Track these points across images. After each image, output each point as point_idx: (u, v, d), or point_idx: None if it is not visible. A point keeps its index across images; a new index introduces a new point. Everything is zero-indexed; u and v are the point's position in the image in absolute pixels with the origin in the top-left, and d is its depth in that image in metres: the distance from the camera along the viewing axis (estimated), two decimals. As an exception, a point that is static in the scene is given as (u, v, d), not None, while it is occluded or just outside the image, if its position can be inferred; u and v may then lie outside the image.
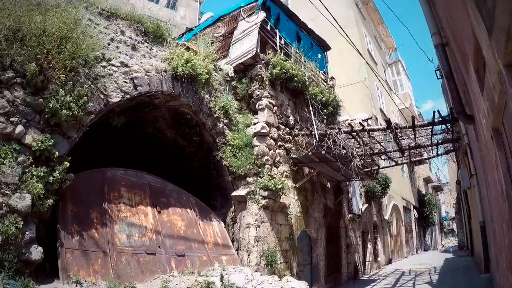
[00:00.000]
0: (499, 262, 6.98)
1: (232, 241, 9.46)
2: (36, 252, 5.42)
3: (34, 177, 5.49)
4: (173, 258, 7.74)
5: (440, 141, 14.27)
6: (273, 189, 9.46)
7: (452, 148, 16.00)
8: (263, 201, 9.43)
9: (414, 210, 31.95)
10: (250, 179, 9.59)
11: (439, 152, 15.91)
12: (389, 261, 22.36)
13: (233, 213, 9.81)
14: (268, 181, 9.50)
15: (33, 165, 5.57)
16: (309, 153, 10.57)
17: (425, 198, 34.80)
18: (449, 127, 12.97)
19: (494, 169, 5.34)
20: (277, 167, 10.49)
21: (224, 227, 9.62)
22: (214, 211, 9.83)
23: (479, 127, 6.32)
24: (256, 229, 9.21)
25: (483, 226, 9.76)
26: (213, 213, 9.64)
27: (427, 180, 40.36)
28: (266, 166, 9.94)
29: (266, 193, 9.44)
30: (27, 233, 5.32)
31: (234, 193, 9.67)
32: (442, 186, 46.46)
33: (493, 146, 4.88)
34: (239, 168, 9.42)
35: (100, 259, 6.50)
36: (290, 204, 10.75)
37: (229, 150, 9.62)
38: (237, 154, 9.57)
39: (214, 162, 10.03)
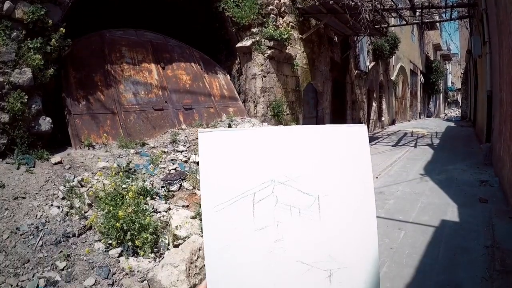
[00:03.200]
0: (502, 132, 7.03)
1: (239, 93, 9.47)
2: (45, 123, 5.49)
3: (31, 50, 5.29)
4: (180, 112, 7.85)
5: (455, 3, 13.56)
6: (279, 38, 9.13)
7: (466, 14, 15.24)
8: (269, 51, 9.18)
9: (421, 75, 31.70)
10: (254, 30, 9.18)
11: (452, 16, 15.23)
12: (393, 122, 22.82)
13: (238, 65, 9.63)
14: (273, 30, 9.12)
15: (28, 38, 5.32)
16: (316, 3, 10.02)
17: (433, 65, 34.26)
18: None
19: (511, 34, 5.06)
20: (282, 17, 10.02)
21: (230, 79, 9.54)
22: (219, 64, 9.64)
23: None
24: (262, 80, 9.13)
25: (490, 95, 9.65)
26: (218, 66, 9.47)
27: (437, 47, 39.32)
28: (271, 15, 9.46)
29: (271, 43, 9.13)
30: (33, 106, 5.31)
31: (238, 44, 9.35)
32: (451, 55, 45.68)
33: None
34: (242, 18, 8.94)
35: (109, 120, 6.61)
36: (296, 56, 10.52)
37: (231, 0, 9.05)
38: (240, 4, 8.99)
39: (215, 14, 9.51)
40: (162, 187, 5.25)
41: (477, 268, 4.09)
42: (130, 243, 3.88)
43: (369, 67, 17.50)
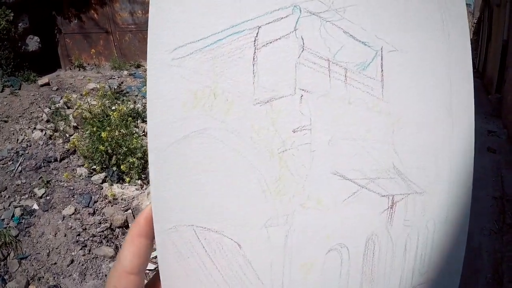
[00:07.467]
0: (515, 82, 6.56)
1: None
2: (33, 43, 5.17)
3: (16, -36, 4.83)
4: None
5: None
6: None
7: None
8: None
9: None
10: None
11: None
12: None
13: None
14: None
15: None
16: None
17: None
18: None
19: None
20: None
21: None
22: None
23: None
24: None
25: (506, 45, 9.16)
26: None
27: (449, -7, 37.99)
28: None
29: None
30: (20, 24, 4.94)
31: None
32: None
33: None
34: None
35: (102, 40, 6.40)
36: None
37: None
38: None
39: None
40: (156, 108, 4.97)
41: (485, 219, 3.98)
42: (115, 168, 3.57)
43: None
